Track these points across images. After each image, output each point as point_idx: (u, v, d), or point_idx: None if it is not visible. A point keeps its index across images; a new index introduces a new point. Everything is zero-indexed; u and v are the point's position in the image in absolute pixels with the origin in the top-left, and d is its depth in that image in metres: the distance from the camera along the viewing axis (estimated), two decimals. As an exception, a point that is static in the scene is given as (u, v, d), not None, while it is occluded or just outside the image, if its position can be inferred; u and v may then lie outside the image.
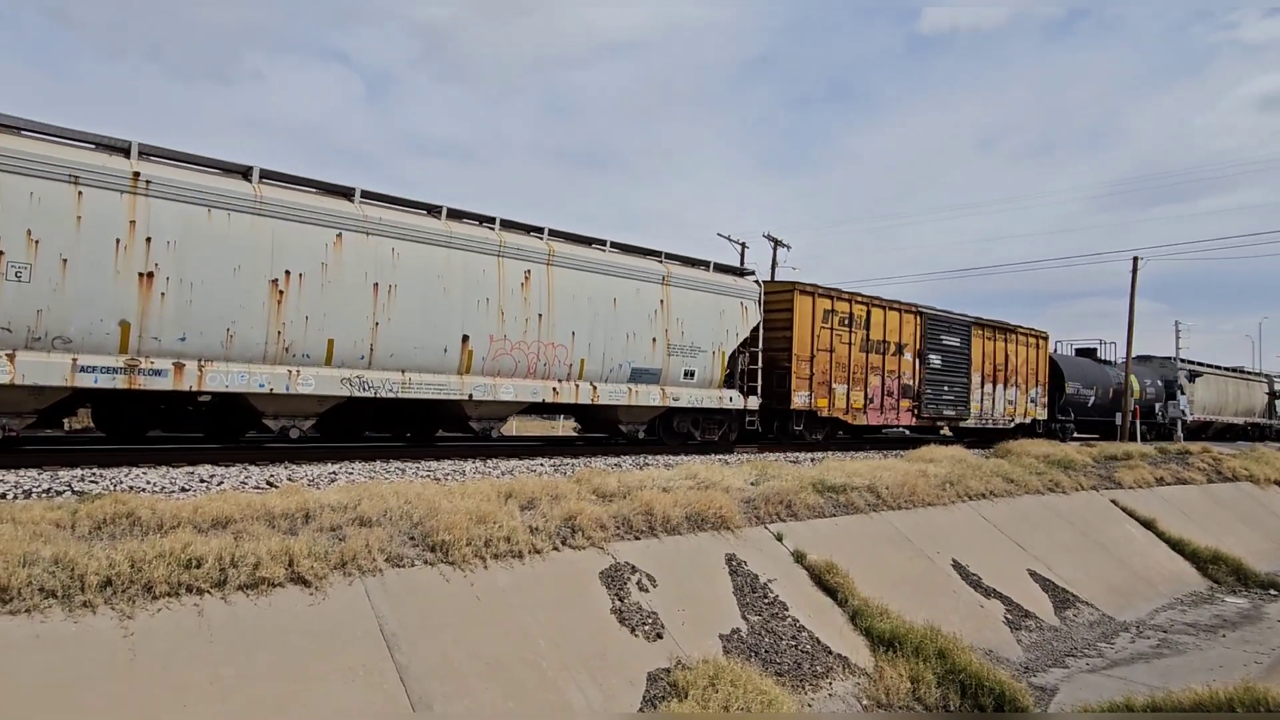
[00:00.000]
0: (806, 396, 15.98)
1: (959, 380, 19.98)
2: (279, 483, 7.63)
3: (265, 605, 4.65)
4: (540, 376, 11.86)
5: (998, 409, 21.44)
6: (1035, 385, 23.15)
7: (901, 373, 18.26)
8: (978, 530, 10.68)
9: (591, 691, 5.21)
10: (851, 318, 17.07)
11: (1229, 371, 38.63)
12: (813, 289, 16.45)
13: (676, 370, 13.65)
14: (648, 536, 7.09)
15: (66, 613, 4.08)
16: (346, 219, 9.96)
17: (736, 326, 14.67)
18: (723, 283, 14.63)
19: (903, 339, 18.36)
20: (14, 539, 4.41)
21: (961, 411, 20.04)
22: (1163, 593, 11.42)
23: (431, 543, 5.72)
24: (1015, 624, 8.79)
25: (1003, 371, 21.70)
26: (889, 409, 17.92)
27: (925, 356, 18.86)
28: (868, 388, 17.32)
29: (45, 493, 6.46)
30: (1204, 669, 8.08)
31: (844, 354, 16.81)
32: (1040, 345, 23.49)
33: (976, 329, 20.70)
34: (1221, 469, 18.89)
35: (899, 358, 18.20)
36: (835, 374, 16.54)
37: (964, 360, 20.16)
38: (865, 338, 17.32)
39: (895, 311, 18.36)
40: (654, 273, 13.47)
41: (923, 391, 18.78)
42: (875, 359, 17.60)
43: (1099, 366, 28.51)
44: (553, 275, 12.02)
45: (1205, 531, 14.33)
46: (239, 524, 5.34)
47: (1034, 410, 23.04)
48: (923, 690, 6.45)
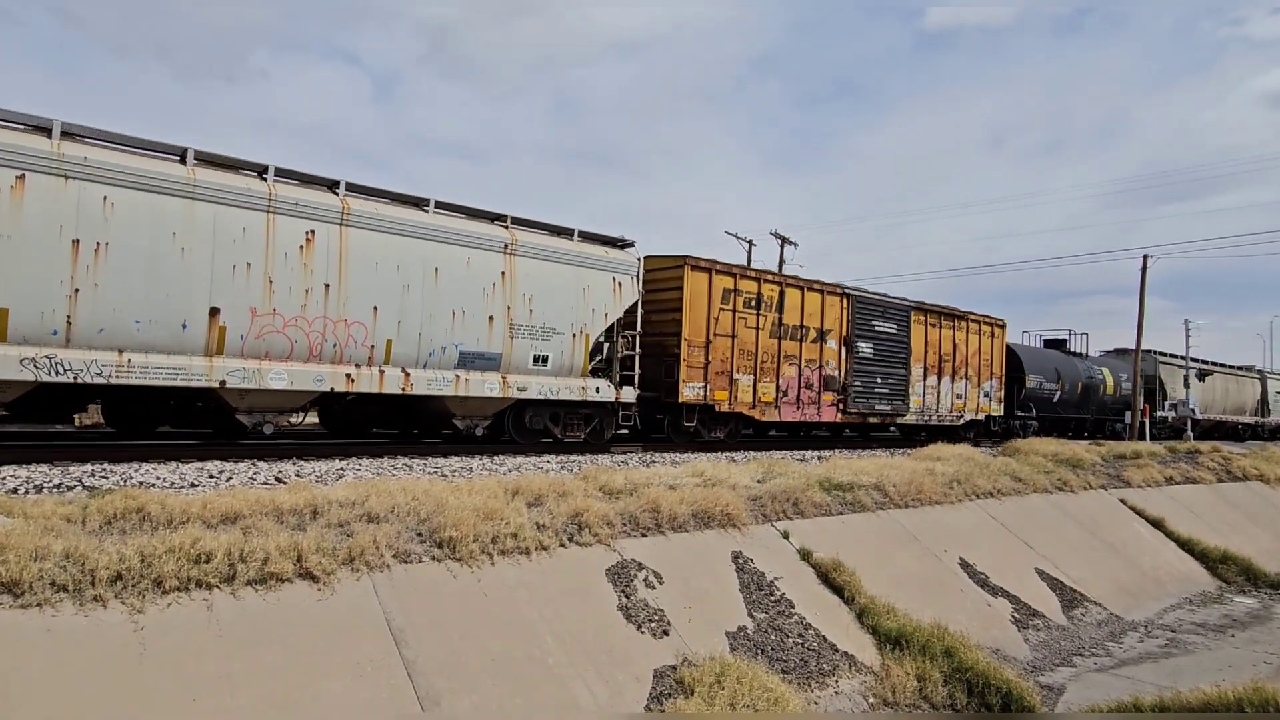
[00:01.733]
0: (700, 388, 13.97)
1: (895, 371, 17.97)
2: (287, 479, 7.67)
3: (274, 600, 4.68)
4: (329, 360, 9.79)
5: (944, 404, 19.33)
6: (990, 378, 21.14)
7: (824, 362, 16.29)
8: (985, 529, 10.65)
9: (598, 688, 5.22)
10: (760, 299, 14.94)
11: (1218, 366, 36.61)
12: (709, 264, 14.27)
13: (523, 355, 11.59)
14: (654, 534, 7.10)
15: (77, 607, 4.11)
16: (34, 157, 7.96)
17: (606, 305, 12.50)
18: (588, 254, 12.44)
19: (825, 324, 16.32)
20: (26, 534, 4.45)
21: (898, 406, 18.00)
22: (1171, 592, 11.37)
23: (439, 539, 5.74)
24: (1023, 623, 8.77)
25: (950, 362, 19.60)
26: (807, 403, 15.90)
27: (853, 344, 16.86)
28: (780, 379, 15.25)
29: (56, 488, 6.51)
30: (1213, 669, 8.05)
31: (750, 340, 14.76)
32: (996, 334, 21.51)
33: (917, 314, 18.77)
34: (1231, 468, 18.77)
35: (820, 345, 16.22)
36: (739, 363, 14.52)
37: (902, 349, 18.17)
38: (778, 322, 15.26)
39: (816, 293, 16.28)
40: (493, 240, 11.34)
41: (850, 384, 16.76)
42: (790, 346, 15.59)
43: (1067, 359, 26.57)
44: (348, 238, 9.90)
45: (1214, 531, 14.25)
46: (248, 520, 5.37)
47: (988, 405, 21.01)
48: (929, 689, 6.44)
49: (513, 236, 11.62)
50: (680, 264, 14.06)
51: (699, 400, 13.98)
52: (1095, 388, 26.72)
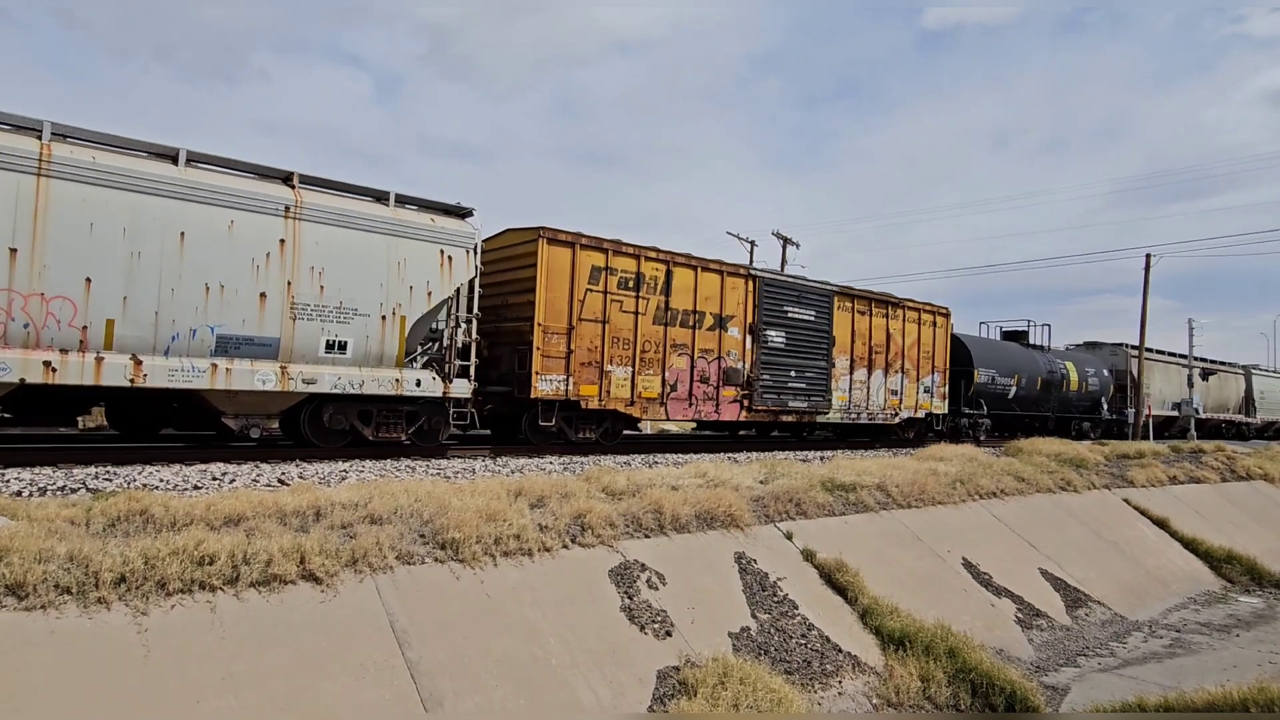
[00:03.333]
0: (560, 382, 12.07)
1: (814, 364, 16.01)
2: (290, 480, 7.68)
3: (277, 602, 4.68)
4: (17, 345, 7.87)
5: (875, 400, 17.52)
6: (931, 372, 19.18)
7: (724, 353, 14.32)
8: (989, 529, 10.63)
9: (601, 689, 5.22)
10: (640, 279, 13.04)
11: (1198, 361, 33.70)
12: (573, 238, 12.31)
13: (310, 341, 9.56)
14: (657, 534, 7.09)
15: (81, 609, 4.12)
16: None
17: (430, 283, 10.54)
18: (408, 222, 10.42)
19: (726, 309, 14.37)
20: (30, 536, 4.46)
21: (818, 403, 16.08)
22: (1176, 592, 11.34)
23: (442, 540, 5.74)
24: (1026, 623, 8.75)
25: (883, 354, 17.76)
26: (703, 399, 13.96)
27: (761, 333, 14.88)
28: (666, 371, 13.32)
29: (60, 490, 6.53)
30: (1217, 669, 8.03)
31: (627, 326, 12.81)
32: (939, 323, 19.56)
33: (842, 300, 16.87)
34: (1236, 468, 18.73)
35: (719, 333, 14.23)
36: (613, 353, 12.63)
37: (822, 339, 16.26)
38: (664, 306, 13.33)
39: (713, 273, 14.26)
40: (268, 200, 9.31)
41: (757, 377, 14.77)
42: (680, 334, 13.62)
43: (1026, 352, 24.23)
44: (49, 192, 8.01)
45: (1219, 531, 14.22)
46: (251, 521, 5.38)
47: (928, 402, 19.06)
48: (933, 689, 6.43)
49: (298, 197, 9.54)
50: (534, 236, 12.13)
51: (558, 395, 12.08)
52: (1057, 383, 24.52)
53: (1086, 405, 26.36)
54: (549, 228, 12.12)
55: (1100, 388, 26.73)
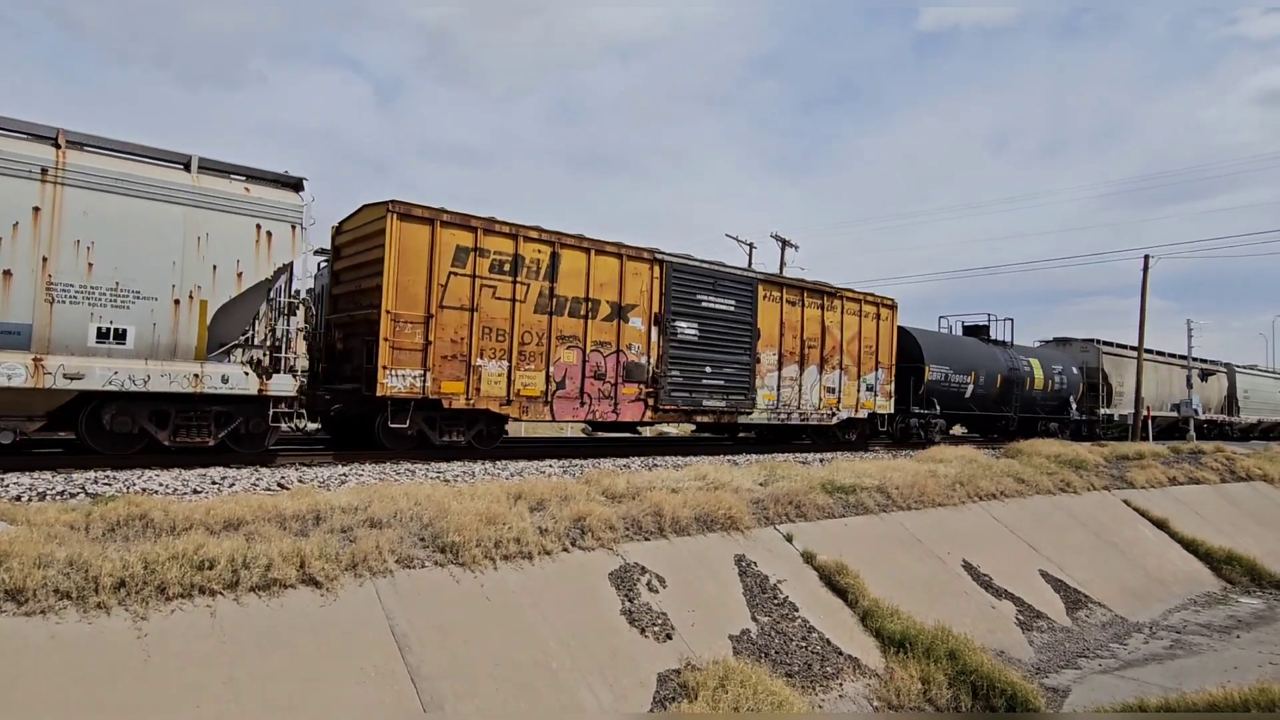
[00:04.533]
0: (415, 378, 10.56)
1: (735, 359, 14.54)
2: (290, 484, 7.68)
3: (277, 606, 4.68)
4: None
5: (808, 398, 16.01)
6: (875, 368, 17.78)
7: (624, 346, 12.83)
8: (989, 531, 10.63)
9: (602, 692, 5.21)
10: (519, 262, 11.57)
11: (1171, 358, 32.10)
12: (432, 214, 10.79)
13: (76, 328, 8.13)
14: (657, 537, 7.09)
15: (81, 614, 4.11)
16: None
17: (241, 262, 9.03)
18: (209, 191, 8.92)
19: (626, 298, 12.88)
20: (29, 541, 4.45)
21: (739, 402, 14.58)
22: (1176, 593, 11.34)
23: (442, 544, 5.74)
24: (1027, 625, 8.75)
25: (818, 349, 16.29)
26: (598, 398, 12.47)
27: (670, 324, 13.47)
28: (552, 366, 11.89)
29: (60, 495, 6.52)
30: (1218, 670, 8.02)
31: (502, 315, 11.39)
32: (884, 316, 18.14)
33: (768, 289, 15.34)
34: (1235, 468, 18.74)
35: (618, 324, 12.75)
36: (484, 345, 11.19)
37: (744, 331, 14.75)
38: (548, 293, 11.89)
39: (610, 257, 12.76)
40: (17, 160, 7.88)
41: (664, 373, 13.31)
42: (569, 324, 12.14)
43: (986, 348, 22.69)
44: None
45: (1219, 531, 14.21)
46: (251, 526, 5.38)
47: (871, 401, 17.67)
48: (934, 691, 6.43)
49: (60, 158, 8.12)
50: (382, 212, 10.68)
51: (412, 393, 10.55)
52: (1020, 381, 22.89)
53: (1053, 405, 24.85)
54: (401, 201, 10.57)
55: (1068, 386, 25.20)
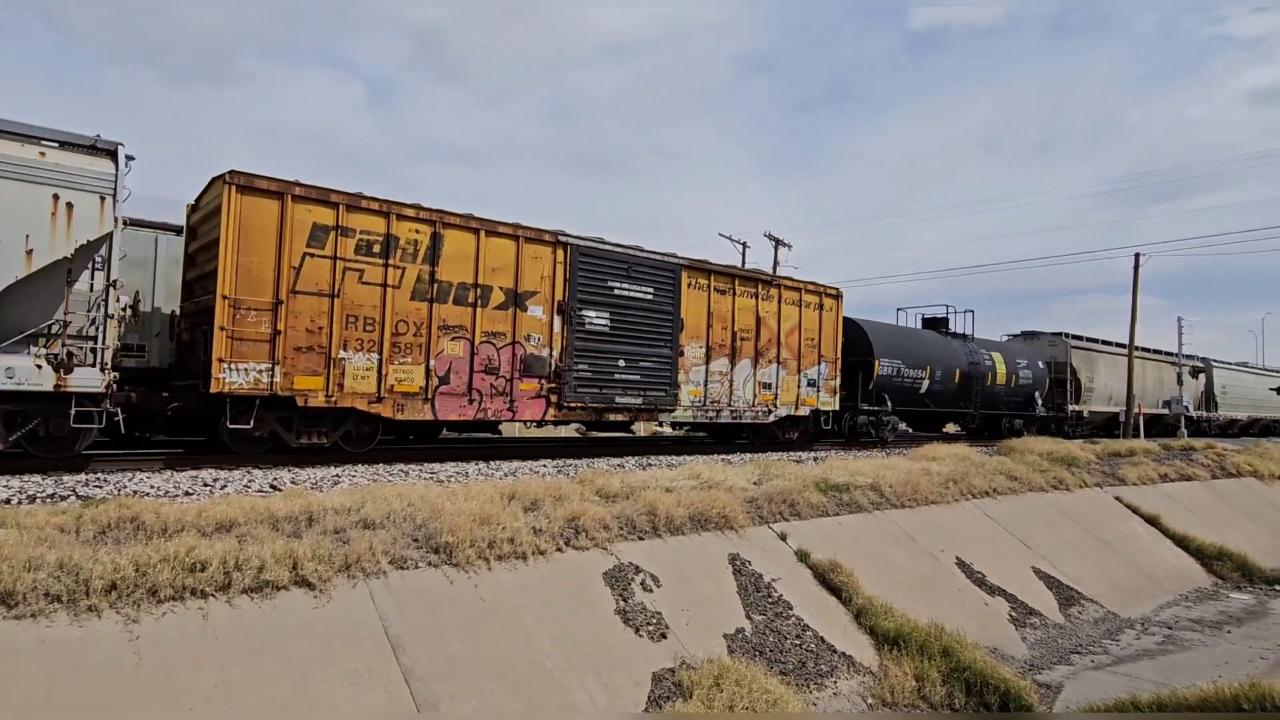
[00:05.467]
0: (261, 372, 9.35)
1: (654, 351, 13.39)
2: (282, 486, 7.65)
3: (270, 608, 4.66)
4: None
5: (741, 395, 14.93)
6: (818, 362, 16.66)
7: (522, 338, 11.71)
8: (982, 528, 10.67)
9: (597, 692, 5.21)
10: (391, 243, 10.42)
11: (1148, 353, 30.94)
12: (282, 187, 9.58)
13: None
14: (651, 537, 7.09)
15: (72, 617, 4.09)
16: None
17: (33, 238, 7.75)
18: None
19: (524, 284, 11.77)
20: (19, 544, 4.42)
21: (658, 398, 13.45)
22: (1168, 589, 11.40)
23: (435, 545, 5.73)
24: (1020, 621, 8.78)
25: (751, 341, 15.15)
26: (490, 394, 11.32)
27: (576, 313, 12.35)
28: (433, 360, 10.74)
29: (50, 498, 6.48)
30: (1209, 665, 8.07)
31: (371, 302, 10.23)
32: (828, 306, 16.97)
33: (693, 275, 14.18)
34: (1226, 465, 18.85)
35: (514, 313, 11.64)
36: (348, 335, 9.99)
37: (665, 322, 13.59)
38: (429, 278, 10.76)
39: (505, 238, 11.63)
40: None
41: (569, 367, 12.22)
42: (454, 313, 11.00)
43: (944, 341, 21.53)
44: None
45: (1210, 528, 14.30)
46: (243, 527, 5.35)
47: (813, 397, 16.54)
48: (928, 689, 6.45)
49: None
50: (221, 185, 9.42)
51: (258, 389, 9.30)
52: (980, 376, 21.76)
53: (1018, 401, 23.73)
54: (242, 172, 9.33)
55: (1033, 381, 24.11)
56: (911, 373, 19.43)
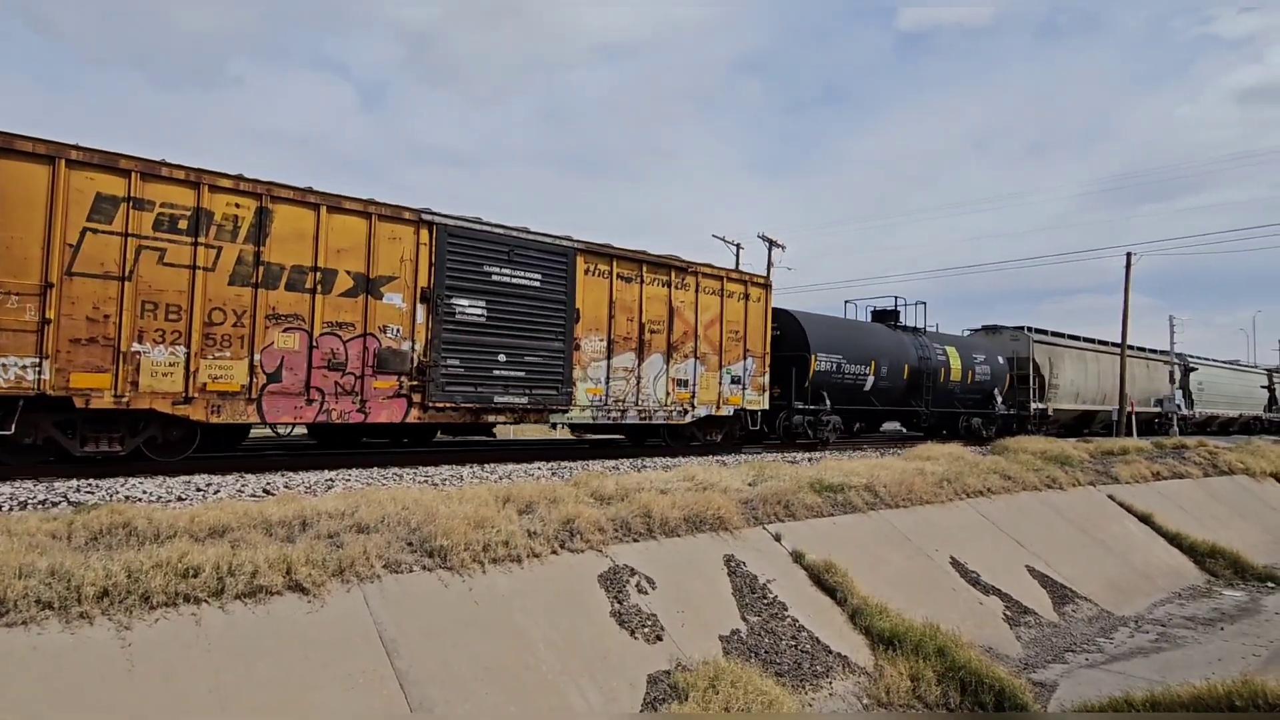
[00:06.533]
0: (25, 367, 8.13)
1: (543, 345, 12.09)
2: (276, 490, 7.62)
3: (263, 614, 4.64)
4: None
5: (650, 393, 13.56)
6: (743, 357, 15.32)
7: (376, 329, 10.40)
8: (976, 527, 10.70)
9: (592, 694, 5.20)
10: (204, 218, 9.09)
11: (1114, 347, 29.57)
12: (53, 150, 8.31)
13: None
14: (646, 539, 7.09)
15: (63, 624, 4.06)
16: None
17: None
18: None
19: (378, 268, 10.45)
20: (10, 551, 4.40)
21: (549, 397, 12.17)
22: (1161, 587, 11.44)
23: (430, 548, 5.71)
24: (1015, 620, 8.81)
25: (663, 334, 13.78)
26: (334, 393, 9.99)
27: (445, 302, 11.06)
28: (261, 354, 9.45)
29: (41, 504, 6.45)
30: (1203, 662, 8.10)
31: (176, 286, 8.88)
32: (754, 297, 15.66)
33: (591, 261, 12.83)
34: (1218, 463, 18.95)
35: (366, 301, 10.33)
36: (144, 325, 8.68)
37: (556, 312, 12.31)
38: (252, 259, 9.42)
39: (353, 216, 10.28)
40: None
41: (435, 362, 10.90)
42: (288, 301, 9.68)
43: (893, 335, 20.17)
44: None
45: (1202, 525, 14.36)
46: (236, 532, 5.33)
47: (739, 395, 15.19)
48: (923, 688, 6.46)
49: None
50: None
51: (21, 388, 8.05)
52: (932, 373, 20.41)
53: (975, 399, 22.55)
54: (4, 133, 8.11)
55: (992, 378, 22.86)
56: (854, 369, 18.28)
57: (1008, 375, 23.74)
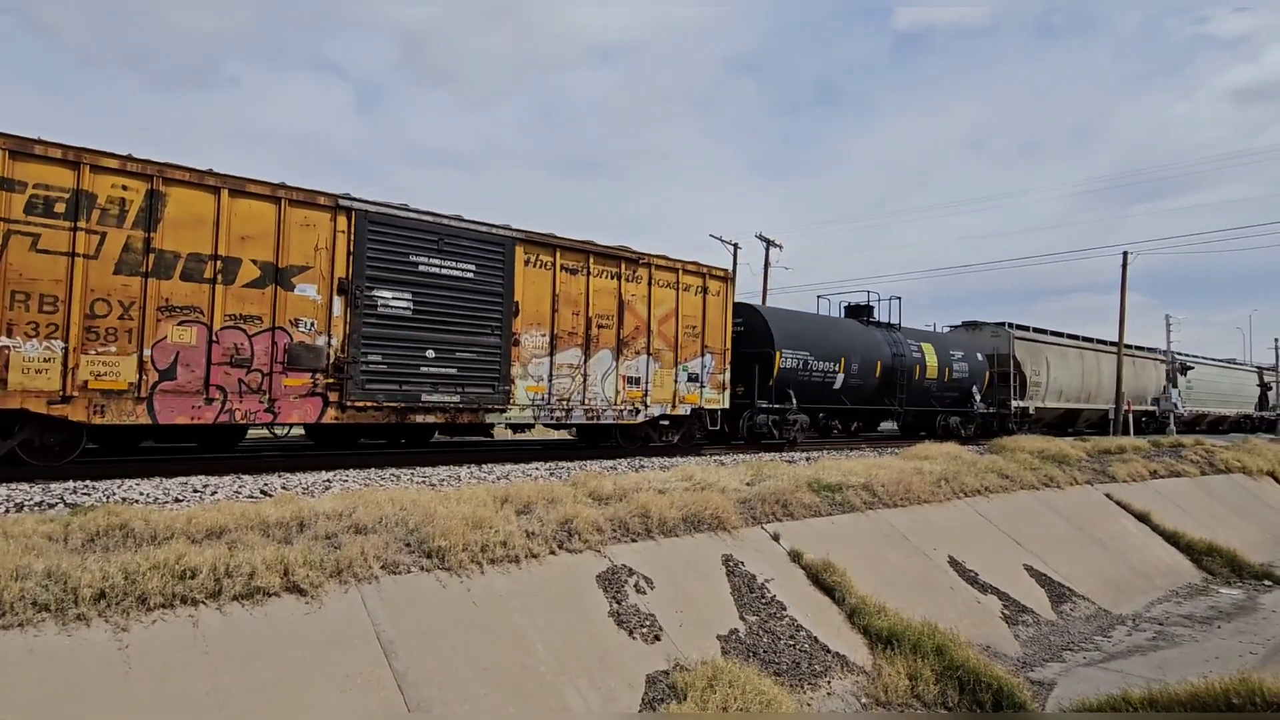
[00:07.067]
0: None
1: (477, 340, 11.29)
2: (273, 491, 7.61)
3: (261, 615, 4.63)
4: None
5: (598, 392, 12.76)
6: (701, 353, 14.46)
7: (287, 322, 9.59)
8: (974, 527, 10.71)
9: (591, 695, 5.20)
10: (83, 200, 8.40)
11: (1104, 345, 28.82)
12: None
13: None
14: (644, 539, 7.08)
15: (60, 626, 4.05)
16: None
17: None
18: None
19: (289, 257, 9.66)
20: (6, 553, 4.39)
21: (484, 395, 11.34)
22: (1158, 585, 11.46)
23: (428, 549, 5.71)
24: (1012, 619, 8.81)
25: (612, 329, 12.98)
26: (239, 392, 9.22)
27: (366, 294, 10.25)
28: (152, 349, 8.71)
29: (37, 506, 6.43)
30: (1200, 661, 8.12)
31: (51, 274, 8.20)
32: (713, 290, 14.76)
33: (532, 251, 12.00)
34: (1215, 461, 18.99)
35: (275, 293, 9.52)
36: (12, 317, 7.99)
37: (493, 305, 11.49)
38: (141, 245, 8.69)
39: (260, 200, 9.47)
40: None
41: (355, 359, 10.10)
42: (184, 291, 8.91)
43: (864, 331, 19.43)
44: None
45: (1200, 524, 14.39)
46: (233, 534, 5.32)
47: (696, 394, 14.32)
48: (921, 687, 6.46)
49: None
50: None
51: None
52: (906, 370, 19.71)
53: (953, 397, 21.78)
54: None
55: (970, 375, 22.12)
56: (822, 365, 17.44)
57: (987, 373, 23.11)
